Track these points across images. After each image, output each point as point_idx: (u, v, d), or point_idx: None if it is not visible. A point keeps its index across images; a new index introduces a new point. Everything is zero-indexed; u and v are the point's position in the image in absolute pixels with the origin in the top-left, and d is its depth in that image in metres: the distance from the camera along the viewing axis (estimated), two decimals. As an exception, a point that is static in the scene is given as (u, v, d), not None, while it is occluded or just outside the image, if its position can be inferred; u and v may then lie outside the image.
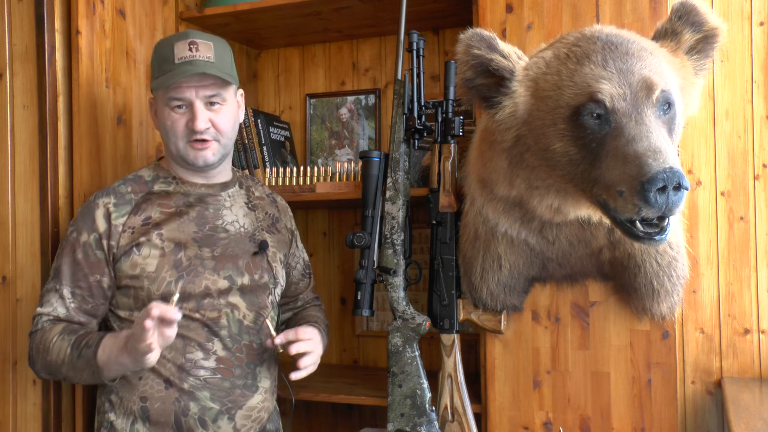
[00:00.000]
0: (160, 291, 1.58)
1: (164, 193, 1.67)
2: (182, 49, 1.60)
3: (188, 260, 1.61)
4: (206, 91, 1.61)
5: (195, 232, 1.65)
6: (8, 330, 1.87)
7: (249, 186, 1.83)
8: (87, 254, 1.60)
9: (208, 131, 1.62)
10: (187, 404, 1.58)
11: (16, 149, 1.87)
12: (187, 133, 1.62)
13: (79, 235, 1.62)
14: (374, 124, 2.40)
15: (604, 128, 1.36)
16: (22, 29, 1.86)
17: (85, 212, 1.64)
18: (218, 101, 1.63)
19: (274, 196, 1.88)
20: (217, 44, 1.66)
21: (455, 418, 1.79)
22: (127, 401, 1.60)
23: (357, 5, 2.11)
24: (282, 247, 1.80)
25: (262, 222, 1.77)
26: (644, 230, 1.35)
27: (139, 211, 1.63)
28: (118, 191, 1.65)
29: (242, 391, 1.63)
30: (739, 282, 1.87)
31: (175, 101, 1.60)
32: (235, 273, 1.66)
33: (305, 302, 1.94)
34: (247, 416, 1.63)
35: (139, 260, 1.59)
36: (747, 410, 1.52)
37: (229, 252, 1.67)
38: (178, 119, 1.61)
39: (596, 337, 1.73)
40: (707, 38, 1.49)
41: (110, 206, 1.62)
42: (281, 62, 2.53)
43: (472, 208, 1.75)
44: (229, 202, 1.73)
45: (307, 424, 2.45)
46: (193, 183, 1.70)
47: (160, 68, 1.62)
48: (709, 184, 1.89)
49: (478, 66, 1.49)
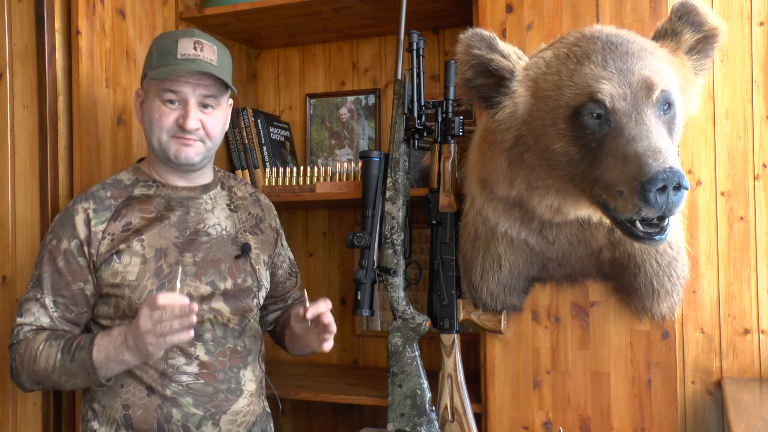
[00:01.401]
0: (142, 299, 1.53)
1: (144, 197, 1.64)
2: (186, 46, 1.59)
3: (169, 267, 1.58)
4: (204, 90, 1.59)
5: (176, 237, 1.61)
6: (8, 330, 1.87)
7: (231, 186, 1.79)
8: (68, 261, 1.57)
9: (197, 132, 1.60)
10: (169, 411, 1.55)
11: (16, 149, 1.87)
12: (174, 129, 1.59)
13: (59, 242, 1.58)
14: (374, 124, 2.40)
15: (604, 128, 1.36)
16: (22, 29, 1.86)
17: (64, 219, 1.60)
18: (212, 104, 1.62)
19: (257, 195, 1.85)
20: (220, 49, 1.65)
21: (455, 418, 1.79)
22: (109, 409, 1.57)
23: (357, 5, 2.11)
24: (266, 247, 1.77)
25: (245, 223, 1.74)
26: (644, 230, 1.35)
27: (119, 217, 1.60)
28: (98, 196, 1.62)
29: (226, 395, 1.59)
30: (739, 282, 1.87)
31: (169, 94, 1.58)
32: (217, 278, 1.63)
33: (294, 300, 1.92)
34: (232, 421, 1.60)
35: (119, 268, 1.55)
36: (747, 410, 1.52)
37: (211, 257, 1.63)
38: (168, 113, 1.58)
39: (596, 337, 1.73)
40: (707, 38, 1.49)
41: (90, 212, 1.59)
42: (281, 62, 2.53)
43: (472, 208, 1.75)
44: (211, 205, 1.70)
45: (307, 424, 2.45)
46: (173, 186, 1.67)
47: (160, 60, 1.59)
48: (709, 184, 1.89)
49: (478, 66, 1.49)
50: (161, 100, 1.59)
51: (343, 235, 2.42)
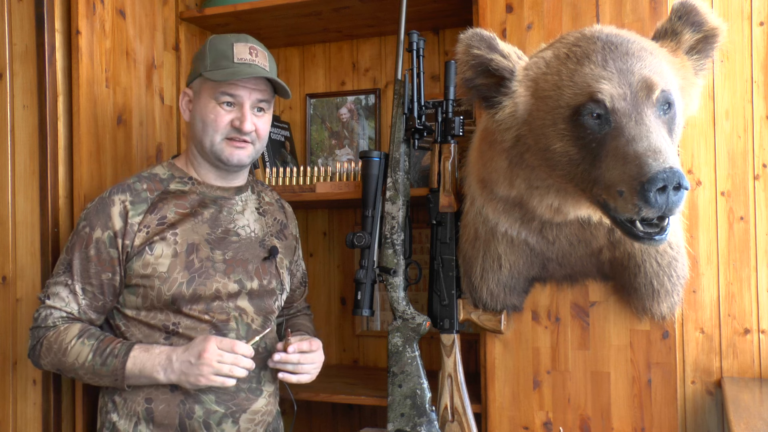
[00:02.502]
0: (171, 292, 1.58)
1: (180, 193, 1.67)
2: (242, 50, 1.63)
3: (200, 262, 1.61)
4: (259, 95, 1.65)
5: (208, 233, 1.65)
6: (8, 330, 1.87)
7: (260, 191, 1.84)
8: (99, 251, 1.59)
9: (251, 134, 1.65)
10: (192, 407, 1.58)
11: (16, 149, 1.87)
12: (228, 131, 1.63)
13: (92, 230, 1.60)
14: (374, 124, 2.40)
15: (604, 128, 1.36)
16: (22, 29, 1.86)
17: (100, 208, 1.62)
18: (265, 108, 1.68)
19: (282, 203, 1.90)
20: (270, 56, 1.70)
21: (455, 418, 1.79)
22: (131, 402, 1.59)
23: (357, 5, 2.11)
24: (288, 253, 1.81)
25: (272, 228, 1.78)
26: (644, 230, 1.34)
27: (155, 210, 1.63)
28: (134, 188, 1.64)
29: (247, 394, 1.63)
30: (739, 282, 1.87)
31: (226, 96, 1.62)
32: (245, 277, 1.66)
33: (297, 310, 1.97)
34: (251, 420, 1.63)
35: (151, 260, 1.58)
36: (747, 410, 1.52)
37: (240, 256, 1.67)
38: (223, 115, 1.63)
39: (596, 337, 1.73)
40: (707, 38, 1.48)
41: (127, 204, 1.61)
42: (281, 62, 2.53)
43: (472, 208, 1.75)
44: (242, 206, 1.74)
45: (307, 424, 2.45)
46: (209, 184, 1.70)
47: (216, 63, 1.63)
48: (709, 184, 1.89)
49: (478, 66, 1.49)
50: (217, 101, 1.63)
51: (343, 235, 2.42)
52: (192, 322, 1.59)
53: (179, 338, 1.59)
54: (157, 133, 2.11)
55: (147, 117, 2.08)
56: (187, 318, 1.59)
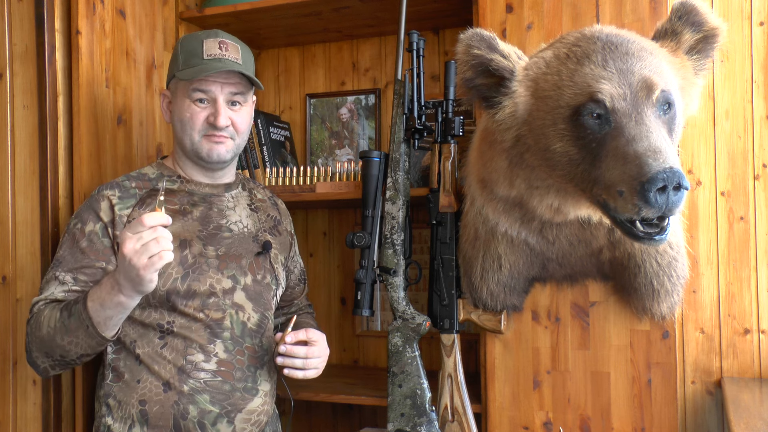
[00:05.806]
0: (166, 287, 1.57)
1: (168, 191, 1.68)
2: (212, 46, 1.64)
3: (193, 258, 1.61)
4: (232, 88, 1.64)
5: (199, 230, 1.65)
6: (8, 330, 1.87)
7: (251, 188, 1.84)
8: (92, 242, 1.59)
9: (227, 129, 1.65)
10: (186, 407, 1.57)
11: (16, 149, 1.87)
12: (205, 127, 1.64)
13: (83, 225, 1.61)
14: (374, 124, 2.40)
15: (604, 128, 1.36)
16: (22, 29, 1.86)
17: (89, 204, 1.63)
18: (240, 101, 1.67)
19: (275, 199, 1.90)
20: (244, 48, 1.70)
21: (455, 418, 1.79)
22: (125, 405, 1.58)
23: (357, 5, 2.11)
24: (283, 249, 1.81)
25: (265, 224, 1.79)
26: (644, 230, 1.34)
27: (144, 206, 1.63)
28: (123, 185, 1.66)
29: (242, 394, 1.62)
30: (739, 282, 1.87)
31: (198, 93, 1.63)
32: (238, 272, 1.66)
33: (299, 308, 1.96)
34: (246, 420, 1.62)
35: None
36: (747, 410, 1.52)
37: (233, 252, 1.67)
38: (198, 112, 1.64)
39: (596, 337, 1.73)
40: (707, 38, 1.48)
41: (114, 198, 1.62)
42: (281, 62, 2.53)
43: (472, 208, 1.75)
44: (233, 203, 1.74)
45: (307, 424, 2.45)
46: (197, 182, 1.71)
47: (186, 62, 1.64)
48: (709, 184, 1.89)
49: (478, 66, 1.49)
50: (190, 99, 1.64)
51: (343, 235, 2.42)
52: (186, 321, 1.58)
53: (174, 337, 1.58)
54: (157, 133, 2.11)
55: (147, 117, 2.08)
56: (182, 316, 1.58)
